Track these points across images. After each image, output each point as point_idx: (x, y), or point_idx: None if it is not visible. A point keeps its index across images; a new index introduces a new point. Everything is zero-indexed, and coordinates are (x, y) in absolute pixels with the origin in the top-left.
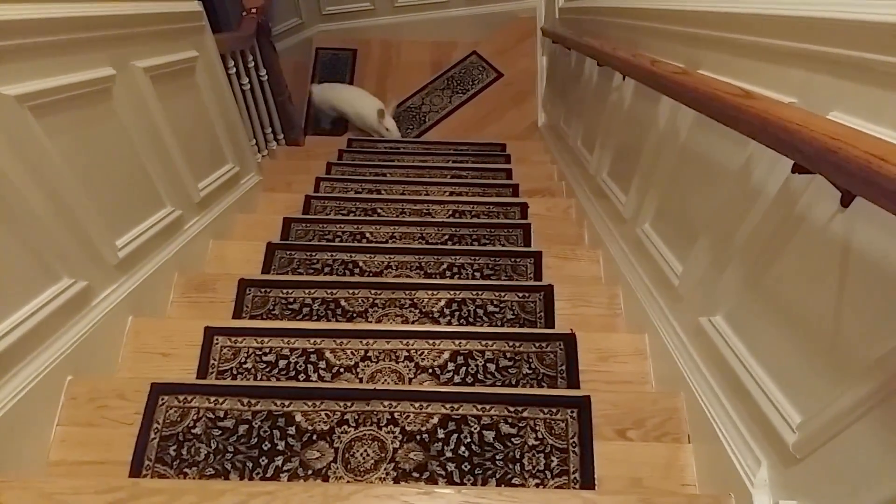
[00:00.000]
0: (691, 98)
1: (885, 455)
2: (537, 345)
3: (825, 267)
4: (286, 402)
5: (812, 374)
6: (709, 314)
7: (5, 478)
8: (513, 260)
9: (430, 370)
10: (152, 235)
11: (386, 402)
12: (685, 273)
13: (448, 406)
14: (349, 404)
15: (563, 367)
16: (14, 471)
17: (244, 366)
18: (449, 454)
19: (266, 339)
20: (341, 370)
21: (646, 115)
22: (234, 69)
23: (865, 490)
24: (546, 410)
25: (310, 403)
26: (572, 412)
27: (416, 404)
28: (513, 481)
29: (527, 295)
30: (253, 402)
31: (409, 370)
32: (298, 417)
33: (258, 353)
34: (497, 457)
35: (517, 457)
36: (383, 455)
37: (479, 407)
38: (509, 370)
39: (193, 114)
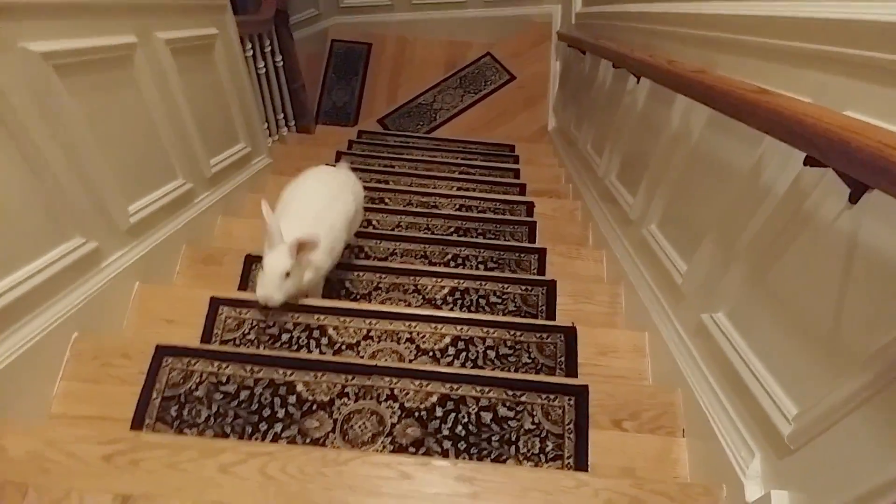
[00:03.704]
0: (708, 96)
1: (877, 444)
2: (538, 335)
3: (829, 263)
4: (288, 372)
5: (811, 368)
6: (711, 311)
7: (9, 423)
8: (517, 255)
9: (431, 353)
10: (163, 205)
11: (387, 379)
12: (689, 272)
13: (448, 386)
14: (350, 378)
15: (563, 359)
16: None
17: (247, 336)
18: (446, 432)
19: (270, 312)
20: (343, 347)
21: (658, 117)
22: (252, 52)
23: (856, 478)
24: (544, 396)
25: (311, 374)
26: (570, 400)
27: (417, 382)
28: (507, 462)
29: (529, 288)
30: (256, 369)
31: (410, 352)
32: (300, 387)
33: (262, 325)
34: (493, 438)
35: (513, 439)
36: (381, 429)
37: (479, 389)
38: (509, 358)
39: (210, 90)
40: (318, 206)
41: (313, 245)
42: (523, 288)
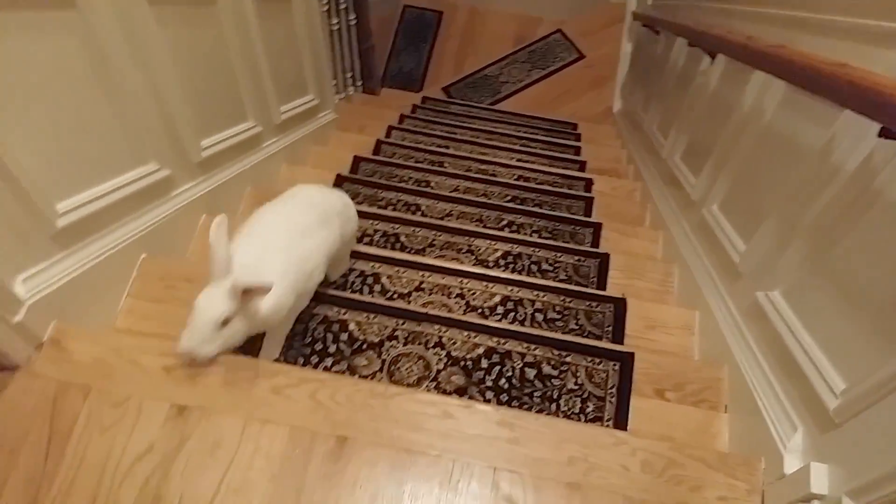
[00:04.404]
0: (787, 70)
1: None
2: (588, 304)
3: (893, 240)
4: (342, 311)
5: (863, 343)
6: (766, 289)
7: (77, 329)
8: (572, 227)
9: (480, 310)
10: (233, 144)
11: (436, 327)
12: (748, 251)
13: (495, 340)
14: (401, 322)
15: (610, 328)
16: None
17: None
18: (489, 383)
19: None
20: (395, 296)
21: (730, 97)
22: (327, 7)
23: None
24: (589, 359)
25: (364, 315)
26: (615, 365)
27: (465, 333)
28: None
29: (582, 259)
30: (311, 305)
31: (460, 306)
32: (352, 326)
33: None
34: (535, 393)
35: (554, 397)
36: (427, 374)
37: (525, 345)
38: (556, 322)
39: (285, 39)
40: (289, 234)
41: (262, 292)
42: (576, 258)
